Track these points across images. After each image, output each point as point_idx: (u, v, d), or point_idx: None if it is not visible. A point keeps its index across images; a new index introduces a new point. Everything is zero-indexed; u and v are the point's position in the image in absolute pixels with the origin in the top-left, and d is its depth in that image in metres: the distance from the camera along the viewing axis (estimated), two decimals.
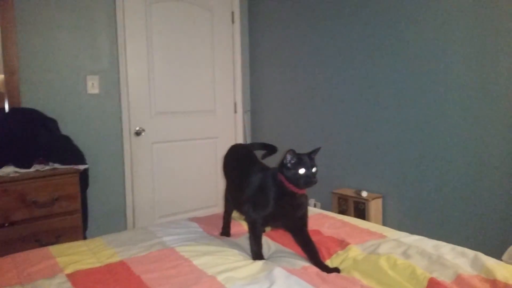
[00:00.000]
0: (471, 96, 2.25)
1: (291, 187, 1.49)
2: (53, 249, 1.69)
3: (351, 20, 2.88)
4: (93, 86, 3.05)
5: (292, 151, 1.49)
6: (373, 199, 2.68)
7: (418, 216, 2.57)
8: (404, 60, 2.56)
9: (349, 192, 2.86)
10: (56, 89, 2.91)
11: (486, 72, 2.18)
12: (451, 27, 2.31)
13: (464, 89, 2.28)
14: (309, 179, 1.47)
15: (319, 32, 3.13)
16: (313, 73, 3.21)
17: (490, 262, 1.38)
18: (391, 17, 2.62)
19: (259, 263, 1.49)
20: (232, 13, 3.77)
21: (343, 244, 1.62)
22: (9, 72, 2.71)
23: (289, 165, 1.48)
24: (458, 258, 1.44)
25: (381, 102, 2.72)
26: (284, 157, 1.50)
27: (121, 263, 1.52)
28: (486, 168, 2.22)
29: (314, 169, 1.48)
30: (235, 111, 3.85)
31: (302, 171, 1.46)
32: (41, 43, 2.84)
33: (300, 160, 1.48)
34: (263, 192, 1.56)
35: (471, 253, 1.47)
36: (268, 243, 1.71)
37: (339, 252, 1.57)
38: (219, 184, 3.75)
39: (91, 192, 2.97)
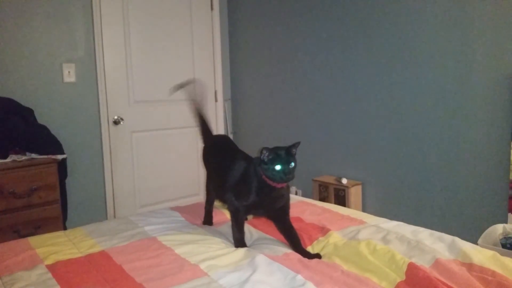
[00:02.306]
0: (448, 84, 2.29)
1: (269, 182, 1.50)
2: (33, 240, 1.66)
3: (329, 8, 2.88)
4: (69, 74, 2.98)
5: (267, 148, 1.48)
6: (353, 186, 2.72)
7: (396, 202, 2.62)
8: (381, 47, 2.59)
9: (330, 179, 2.89)
10: (31, 77, 2.83)
11: (462, 64, 2.22)
12: (423, 22, 2.34)
13: (441, 78, 2.32)
14: (285, 176, 1.46)
15: (299, 20, 3.12)
16: (293, 61, 3.22)
17: (466, 246, 1.42)
18: (372, 11, 2.63)
19: (242, 250, 1.50)
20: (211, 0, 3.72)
21: (324, 231, 1.65)
22: None
23: (266, 160, 1.48)
24: (436, 243, 1.48)
25: (360, 90, 2.75)
26: (261, 153, 1.49)
27: (102, 253, 1.51)
28: (462, 154, 2.28)
29: (292, 165, 1.47)
30: (216, 100, 3.82)
31: (278, 167, 1.45)
32: (15, 31, 2.75)
33: (277, 155, 1.46)
34: (246, 182, 1.56)
35: (448, 238, 1.52)
36: (250, 230, 1.72)
37: (320, 238, 1.59)
38: (200, 172, 3.74)
39: (70, 182, 2.92)
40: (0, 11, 2.69)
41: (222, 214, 1.95)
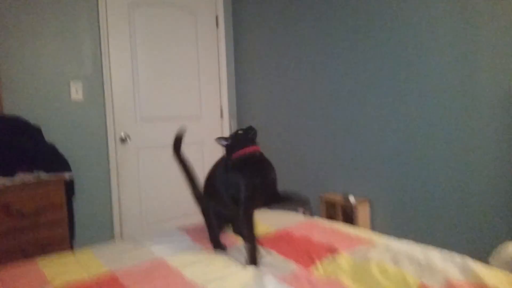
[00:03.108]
0: (457, 98, 2.29)
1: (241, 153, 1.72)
2: (41, 261, 1.66)
3: (335, 23, 2.90)
4: (76, 92, 3.01)
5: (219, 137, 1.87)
6: (361, 203, 2.70)
7: (406, 219, 2.60)
8: (390, 65, 2.59)
9: (337, 196, 2.87)
10: (39, 95, 2.86)
11: (470, 78, 2.22)
12: (435, 30, 2.34)
13: (449, 95, 2.31)
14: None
15: (304, 36, 3.14)
16: (299, 77, 3.23)
17: (478, 267, 1.40)
18: (374, 22, 2.65)
19: (250, 270, 1.49)
20: (216, 17, 3.76)
21: (332, 250, 1.63)
22: None
23: (228, 143, 1.80)
24: (446, 263, 1.46)
25: (368, 107, 2.75)
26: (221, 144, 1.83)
27: (111, 275, 1.50)
28: (472, 171, 2.26)
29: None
30: (221, 116, 3.84)
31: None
32: (23, 49, 2.79)
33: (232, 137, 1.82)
34: (237, 178, 1.71)
35: (459, 258, 1.50)
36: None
37: (329, 257, 1.58)
38: None
39: (77, 200, 2.93)
40: (8, 29, 2.73)
41: (227, 235, 1.93)
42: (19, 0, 2.75)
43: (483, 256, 2.13)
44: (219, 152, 3.81)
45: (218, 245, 1.70)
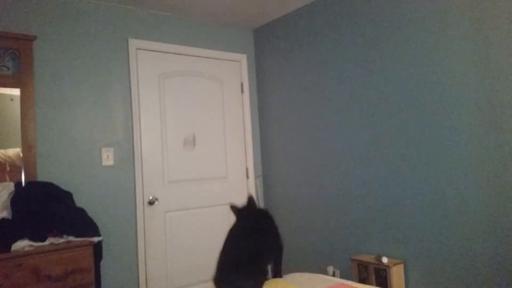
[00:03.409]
0: (492, 157, 2.25)
1: None
2: None
3: (357, 80, 2.96)
4: (108, 158, 3.10)
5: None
6: (395, 265, 2.59)
7: (442, 283, 2.46)
8: (427, 116, 2.60)
9: (369, 258, 2.77)
10: (71, 162, 2.96)
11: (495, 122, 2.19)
12: (456, 52, 2.36)
13: (484, 153, 2.28)
14: None
15: (324, 96, 3.21)
16: (323, 137, 3.26)
17: None
18: (404, 58, 2.70)
19: None
20: (241, 84, 3.92)
21: None
22: (27, 147, 2.77)
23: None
24: None
25: (400, 163, 2.73)
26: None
27: None
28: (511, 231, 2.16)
29: None
30: (247, 177, 3.86)
31: None
32: (58, 118, 2.94)
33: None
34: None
35: None
36: None
37: None
38: None
39: (104, 263, 2.91)
40: (45, 100, 2.89)
41: None
42: (57, 72, 2.94)
43: None
44: None
45: None
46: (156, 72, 3.41)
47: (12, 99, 2.76)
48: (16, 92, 2.75)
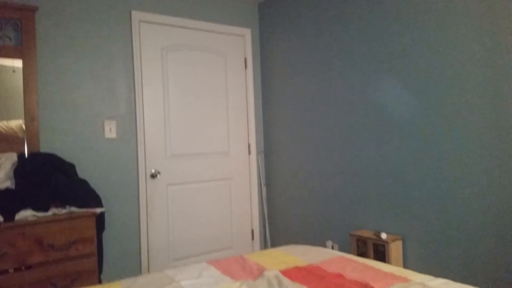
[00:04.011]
0: (492, 133, 2.24)
1: None
2: None
3: (362, 58, 2.93)
4: (110, 130, 3.11)
5: None
6: (393, 241, 2.62)
7: (440, 258, 2.49)
8: (429, 97, 2.58)
9: (368, 233, 2.80)
10: (74, 134, 2.97)
11: (504, 108, 2.17)
12: (465, 55, 2.33)
13: (487, 123, 2.27)
14: None
15: (330, 70, 3.19)
16: (326, 113, 3.24)
17: None
18: (408, 59, 2.67)
19: None
20: (245, 59, 3.88)
21: None
22: (30, 118, 2.78)
23: None
24: None
25: (400, 141, 2.72)
26: None
27: None
28: (510, 207, 2.17)
29: None
30: (249, 152, 3.87)
31: None
32: (61, 90, 2.93)
33: None
34: None
35: None
36: (279, 279, 1.66)
37: None
38: (234, 225, 3.72)
39: (106, 234, 2.96)
40: (48, 72, 2.88)
41: (257, 265, 1.89)
42: (58, 44, 2.92)
43: None
44: (246, 187, 3.83)
45: None
46: (159, 45, 3.38)
47: (14, 71, 2.75)
48: (18, 63, 2.75)
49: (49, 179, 2.61)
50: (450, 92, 2.41)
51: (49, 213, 2.48)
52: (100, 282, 2.60)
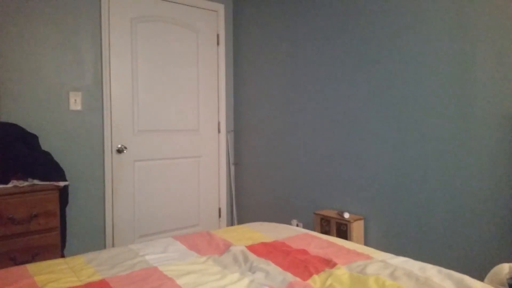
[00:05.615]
0: (452, 120, 2.31)
1: None
2: (31, 267, 1.62)
3: (333, 41, 2.94)
4: (75, 102, 3.01)
5: None
6: (355, 220, 2.69)
7: (399, 237, 2.59)
8: (387, 87, 2.63)
9: (332, 213, 2.86)
10: (38, 104, 2.85)
11: (467, 98, 2.25)
12: (432, 48, 2.38)
13: (445, 114, 2.34)
14: None
15: (302, 53, 3.18)
16: (295, 95, 3.25)
17: (476, 285, 1.39)
18: (373, 38, 2.69)
19: (244, 281, 1.46)
20: (217, 35, 3.82)
21: (330, 264, 1.61)
22: None
23: None
24: (444, 281, 1.45)
25: (363, 124, 2.77)
26: None
27: (102, 282, 1.47)
28: (467, 191, 2.26)
29: None
30: (219, 131, 3.85)
31: None
32: (24, 58, 2.80)
33: None
34: None
35: (457, 275, 1.48)
36: (245, 253, 1.69)
37: (326, 270, 1.56)
38: (201, 203, 3.72)
39: (70, 209, 2.89)
40: (10, 37, 2.74)
41: (224, 241, 1.91)
42: (21, 10, 2.77)
43: (477, 275, 2.13)
44: (215, 166, 3.82)
45: None
46: (128, 16, 3.26)
47: None
48: None
49: (10, 149, 2.52)
50: (406, 88, 2.46)
51: (10, 185, 2.39)
52: (63, 256, 2.55)
